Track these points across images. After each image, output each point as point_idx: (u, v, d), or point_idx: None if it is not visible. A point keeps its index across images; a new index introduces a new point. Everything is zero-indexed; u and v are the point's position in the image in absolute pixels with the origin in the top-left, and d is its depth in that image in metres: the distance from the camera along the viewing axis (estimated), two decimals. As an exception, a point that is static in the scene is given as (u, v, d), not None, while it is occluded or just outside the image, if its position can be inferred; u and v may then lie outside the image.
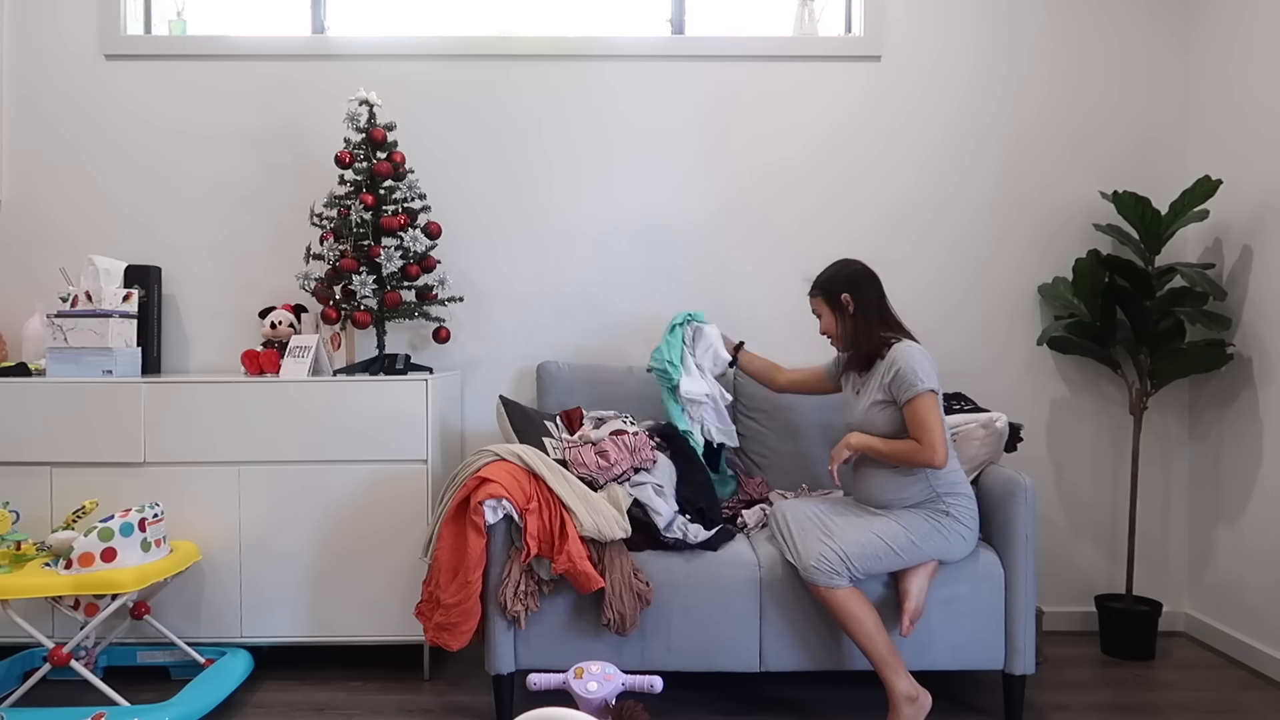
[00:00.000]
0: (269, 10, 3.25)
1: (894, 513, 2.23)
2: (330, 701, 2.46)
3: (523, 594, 2.20)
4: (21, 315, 3.00)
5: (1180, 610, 3.07)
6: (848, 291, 2.33)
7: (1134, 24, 3.07)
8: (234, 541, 2.57)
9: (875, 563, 2.16)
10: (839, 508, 2.32)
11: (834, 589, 2.12)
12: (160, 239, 3.08)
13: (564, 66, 3.09)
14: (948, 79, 3.09)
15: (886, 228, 3.10)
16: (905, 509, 2.23)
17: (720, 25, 3.25)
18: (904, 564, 2.18)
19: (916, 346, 2.24)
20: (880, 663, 2.12)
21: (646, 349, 3.08)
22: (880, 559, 2.16)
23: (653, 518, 2.30)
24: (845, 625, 2.13)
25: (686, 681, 2.53)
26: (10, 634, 2.44)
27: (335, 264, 2.73)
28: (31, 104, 3.07)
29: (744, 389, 2.91)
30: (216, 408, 2.55)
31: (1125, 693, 2.54)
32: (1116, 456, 3.08)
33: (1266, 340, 2.71)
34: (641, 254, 3.11)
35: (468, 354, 3.10)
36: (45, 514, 2.53)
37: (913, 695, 2.12)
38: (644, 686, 2.02)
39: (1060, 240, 3.08)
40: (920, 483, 2.23)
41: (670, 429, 2.57)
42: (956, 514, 2.22)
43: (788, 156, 3.10)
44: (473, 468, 2.27)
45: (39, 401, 2.54)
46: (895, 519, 2.21)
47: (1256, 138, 2.76)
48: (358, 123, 2.73)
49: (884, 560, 2.17)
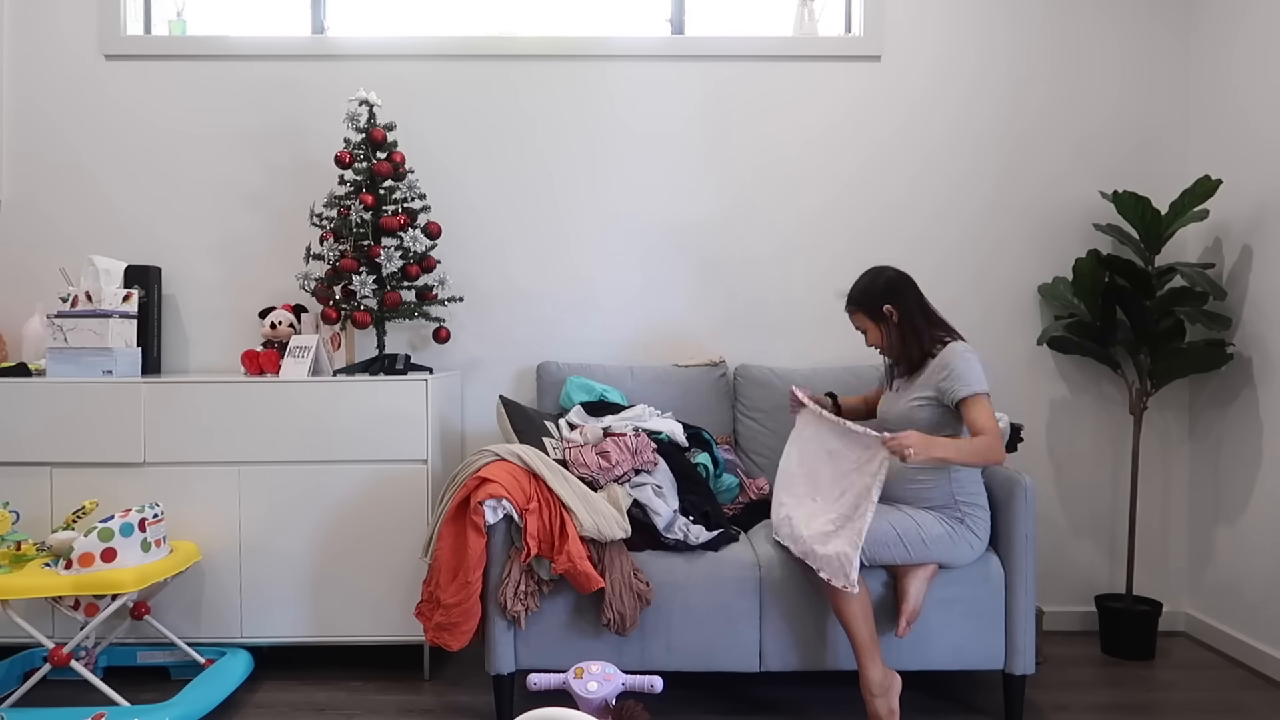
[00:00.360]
0: (269, 10, 3.25)
1: (912, 509, 2.23)
2: (330, 701, 2.46)
3: (523, 594, 2.20)
4: (21, 315, 3.00)
5: (1180, 610, 3.07)
6: (888, 302, 2.29)
7: (1134, 24, 3.07)
8: (234, 541, 2.57)
9: (883, 550, 2.16)
10: None
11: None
12: (160, 239, 3.08)
13: (564, 66, 3.09)
14: (948, 79, 3.09)
15: (886, 227, 3.10)
16: (924, 509, 2.24)
17: (720, 25, 3.25)
18: (909, 560, 2.18)
19: (967, 346, 2.23)
20: (861, 649, 2.13)
21: (646, 349, 3.09)
22: (889, 547, 2.16)
23: (652, 518, 2.30)
24: (838, 607, 2.13)
25: (686, 681, 2.53)
26: (10, 634, 2.44)
27: (335, 264, 2.73)
28: (31, 104, 3.07)
29: (743, 389, 2.91)
30: (216, 408, 2.55)
31: (1125, 693, 2.54)
32: (1116, 456, 3.08)
33: (1266, 340, 2.71)
34: (641, 253, 3.10)
35: (468, 354, 3.10)
36: (45, 514, 2.53)
37: (885, 685, 2.13)
38: (644, 686, 2.02)
39: (1060, 240, 3.08)
40: (943, 487, 2.23)
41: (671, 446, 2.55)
42: (971, 524, 2.23)
43: (788, 156, 3.10)
44: (473, 468, 2.27)
45: (39, 401, 2.54)
46: (911, 514, 2.21)
47: (1256, 137, 2.76)
48: (358, 123, 2.73)
49: (892, 550, 2.16)
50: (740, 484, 2.73)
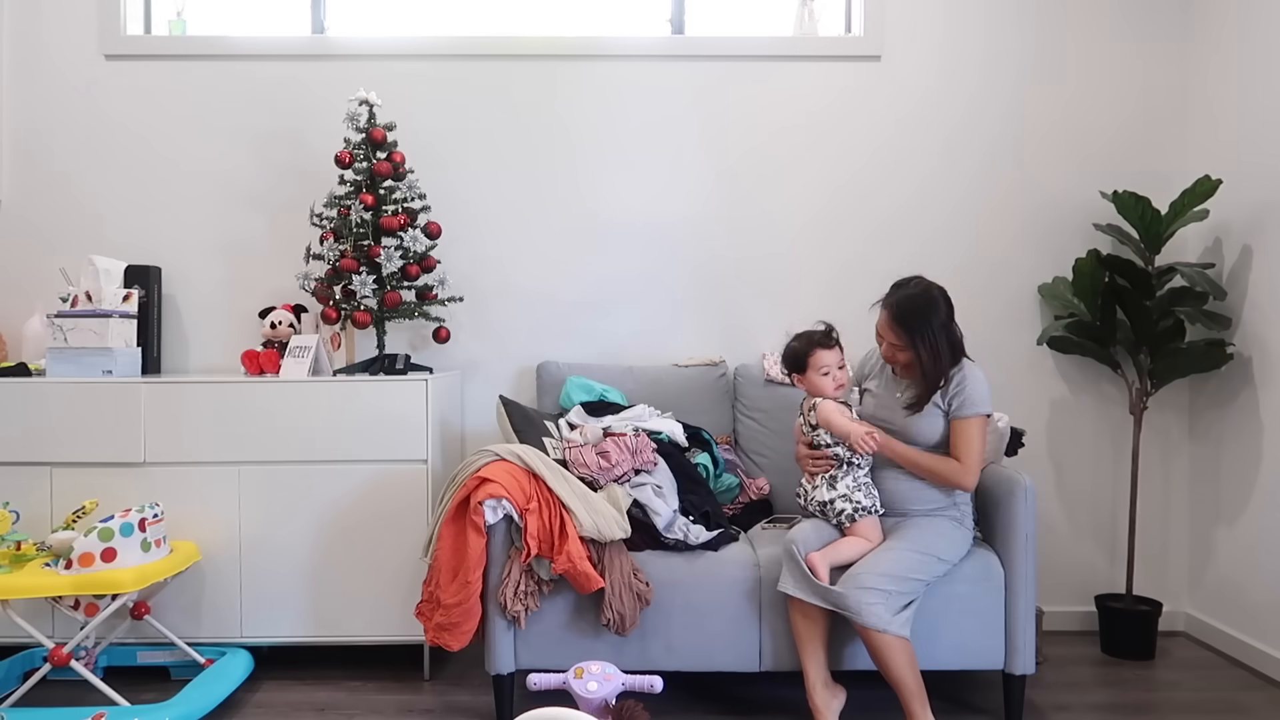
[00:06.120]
0: (269, 10, 3.24)
1: (909, 519, 2.23)
2: (330, 701, 2.46)
3: (523, 594, 2.20)
4: (21, 315, 3.00)
5: (1180, 610, 3.07)
6: (931, 332, 2.18)
7: (1134, 24, 3.07)
8: (234, 541, 2.57)
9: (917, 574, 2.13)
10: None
11: (886, 632, 2.05)
12: (160, 239, 3.08)
13: (564, 66, 3.09)
14: (948, 79, 3.09)
15: (886, 226, 3.10)
16: (923, 515, 2.24)
17: (720, 25, 3.25)
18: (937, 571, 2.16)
19: (979, 369, 2.24)
20: (910, 696, 2.09)
21: (646, 349, 3.09)
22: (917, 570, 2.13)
23: (652, 518, 2.30)
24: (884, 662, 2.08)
25: (686, 681, 2.53)
26: (10, 634, 2.44)
27: (335, 264, 2.73)
28: (32, 104, 3.07)
29: (743, 389, 2.91)
30: (216, 408, 2.55)
31: (1125, 693, 2.54)
32: (1116, 456, 3.08)
33: (1266, 340, 2.71)
34: (641, 253, 3.10)
35: (468, 354, 3.10)
36: (45, 514, 2.53)
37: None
38: (644, 686, 2.02)
39: (1060, 240, 3.08)
40: (945, 489, 2.24)
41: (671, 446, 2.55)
42: (967, 525, 2.27)
43: (787, 156, 3.10)
44: (473, 468, 2.27)
45: (39, 401, 2.54)
46: (920, 527, 2.20)
47: (1256, 138, 2.76)
48: (358, 123, 2.73)
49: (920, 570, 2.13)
50: (740, 484, 2.73)
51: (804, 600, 2.12)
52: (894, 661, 2.06)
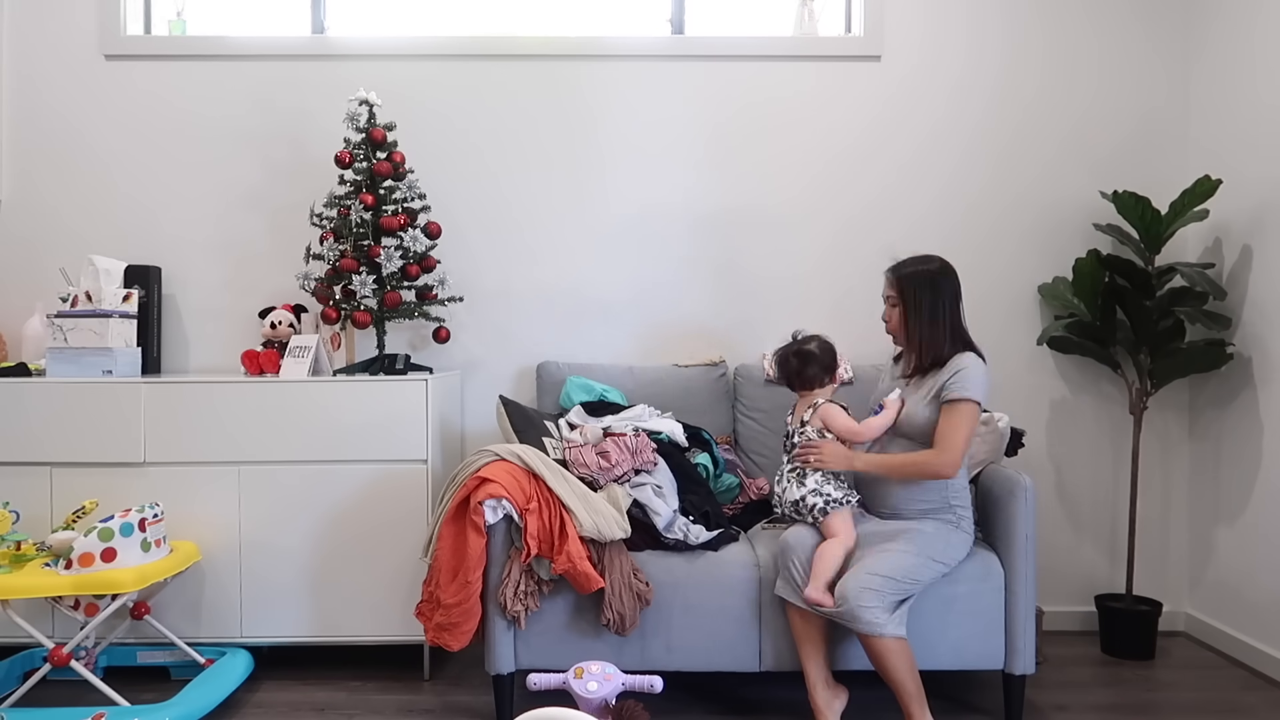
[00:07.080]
0: (269, 10, 3.24)
1: (904, 522, 2.22)
2: (330, 701, 2.46)
3: (523, 594, 2.20)
4: (21, 315, 3.00)
5: (1180, 610, 3.07)
6: (928, 288, 2.23)
7: (1134, 23, 3.07)
8: (234, 541, 2.57)
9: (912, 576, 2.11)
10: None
11: (883, 636, 2.04)
12: (160, 239, 3.08)
13: (564, 66, 3.09)
14: (948, 78, 3.09)
15: (886, 226, 3.10)
16: (918, 517, 2.23)
17: (720, 25, 3.25)
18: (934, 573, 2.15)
19: (983, 364, 2.21)
20: (909, 698, 2.08)
21: (646, 349, 3.09)
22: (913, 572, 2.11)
23: (652, 518, 2.30)
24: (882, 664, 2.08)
25: (686, 681, 2.53)
26: (10, 634, 2.44)
27: (335, 264, 2.73)
28: (32, 104, 3.07)
29: (743, 389, 2.91)
30: (216, 408, 2.55)
31: (1125, 693, 2.54)
32: (1116, 456, 3.08)
33: (1266, 340, 2.71)
34: (641, 253, 3.10)
35: (468, 354, 3.10)
36: (45, 514, 2.53)
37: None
38: (644, 686, 2.02)
39: (1060, 240, 3.08)
40: (937, 490, 2.22)
41: (671, 446, 2.55)
42: (965, 527, 2.24)
43: (788, 156, 3.10)
44: (473, 468, 2.27)
45: (39, 401, 2.54)
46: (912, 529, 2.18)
47: (1256, 137, 2.76)
48: (358, 123, 2.73)
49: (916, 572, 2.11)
50: (740, 484, 2.73)
51: None
52: (892, 664, 2.05)
